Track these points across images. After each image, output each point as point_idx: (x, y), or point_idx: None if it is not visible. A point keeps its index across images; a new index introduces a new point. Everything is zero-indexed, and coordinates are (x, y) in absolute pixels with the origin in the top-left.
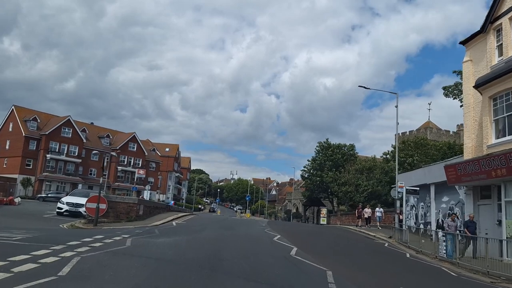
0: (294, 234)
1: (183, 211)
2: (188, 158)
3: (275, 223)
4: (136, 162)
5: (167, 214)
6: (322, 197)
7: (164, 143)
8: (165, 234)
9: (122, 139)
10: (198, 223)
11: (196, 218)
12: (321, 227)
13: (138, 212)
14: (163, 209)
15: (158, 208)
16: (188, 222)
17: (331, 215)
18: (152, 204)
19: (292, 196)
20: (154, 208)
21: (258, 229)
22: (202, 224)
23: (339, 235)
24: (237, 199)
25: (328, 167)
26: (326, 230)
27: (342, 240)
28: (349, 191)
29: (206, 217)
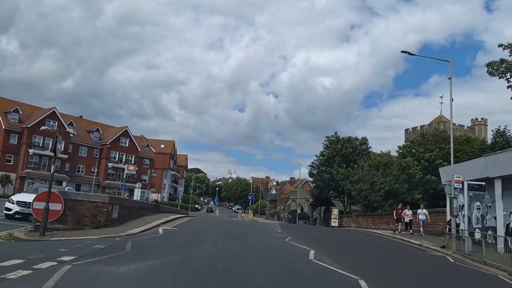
0: (327, 244)
1: (177, 212)
2: (185, 156)
3: (288, 226)
4: (128, 158)
5: (153, 217)
6: (332, 196)
7: (159, 139)
8: (140, 252)
9: (113, 133)
10: (194, 229)
11: (191, 222)
12: (346, 232)
13: (110, 214)
14: (150, 210)
15: (143, 209)
16: (181, 228)
17: (342, 216)
18: (134, 204)
19: (296, 195)
20: (137, 209)
21: (275, 237)
22: (199, 230)
23: (380, 244)
24: (236, 198)
25: (338, 162)
26: (358, 237)
27: (393, 255)
28: (364, 189)
29: (204, 220)
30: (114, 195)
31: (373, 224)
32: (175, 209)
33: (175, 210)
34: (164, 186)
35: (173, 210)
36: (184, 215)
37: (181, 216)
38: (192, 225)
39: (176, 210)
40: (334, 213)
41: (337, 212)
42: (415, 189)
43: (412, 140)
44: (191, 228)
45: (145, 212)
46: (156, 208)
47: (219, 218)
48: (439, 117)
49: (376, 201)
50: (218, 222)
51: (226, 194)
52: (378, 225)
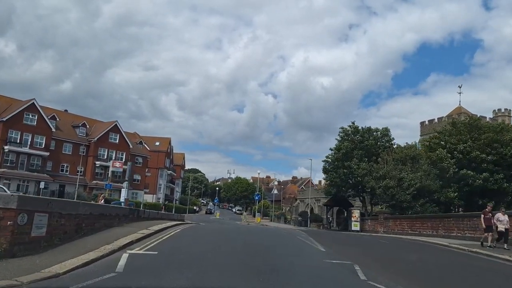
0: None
1: (167, 217)
2: (182, 155)
3: (318, 235)
4: (119, 156)
5: (125, 230)
6: (350, 195)
7: (154, 136)
8: None
9: (102, 128)
10: (185, 253)
11: (184, 234)
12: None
13: (23, 232)
14: (123, 219)
15: (110, 217)
16: (164, 249)
17: (364, 218)
18: (91, 210)
19: (305, 195)
20: (96, 218)
21: (331, 267)
22: (194, 255)
23: (486, 268)
24: (236, 199)
25: (358, 156)
26: (434, 254)
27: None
28: (391, 186)
29: (203, 230)
30: (101, 198)
31: (411, 229)
32: (165, 214)
33: (164, 216)
34: (159, 186)
35: (161, 215)
36: (177, 221)
37: (171, 224)
38: (185, 242)
39: (166, 215)
40: (355, 215)
41: (358, 214)
42: (448, 186)
43: (440, 131)
44: (182, 249)
45: (113, 221)
46: (132, 215)
47: (220, 222)
48: (458, 108)
49: (405, 201)
50: (221, 233)
51: (225, 195)
52: (420, 230)
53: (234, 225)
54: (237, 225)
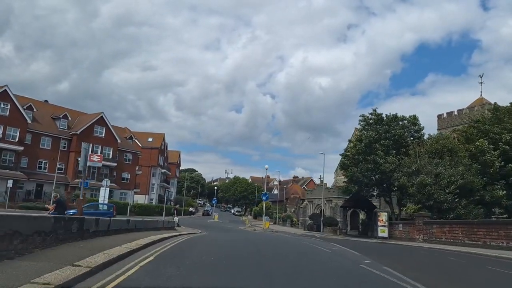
0: None
1: (147, 227)
2: (177, 153)
3: (379, 253)
4: (105, 151)
5: (58, 252)
6: (374, 194)
7: (146, 132)
8: None
9: (86, 121)
10: None
11: (162, 264)
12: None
13: None
14: (38, 240)
15: (37, 234)
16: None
17: (392, 222)
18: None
19: (314, 195)
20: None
21: None
22: None
23: None
24: (234, 199)
25: (383, 148)
26: None
27: None
28: (428, 183)
29: (199, 253)
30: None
31: (469, 238)
32: (141, 222)
33: (141, 224)
34: (152, 186)
35: (138, 225)
36: (163, 233)
37: (145, 243)
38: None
39: (144, 224)
40: (382, 219)
41: (386, 217)
42: (492, 183)
43: (478, 120)
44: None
45: (45, 242)
46: (70, 230)
47: (220, 228)
48: (479, 100)
49: (445, 201)
50: (228, 255)
51: (223, 195)
52: (486, 240)
53: (240, 233)
54: (244, 232)
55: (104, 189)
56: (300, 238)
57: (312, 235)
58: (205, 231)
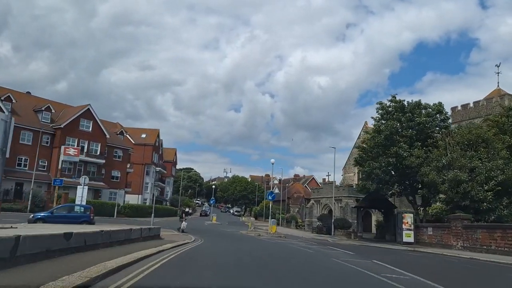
0: None
1: (120, 239)
2: (173, 150)
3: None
4: (93, 147)
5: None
6: (395, 193)
7: (139, 127)
8: None
9: (71, 114)
10: None
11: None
12: None
13: None
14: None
15: None
16: None
17: (417, 225)
18: None
19: (321, 194)
20: None
21: None
22: None
23: None
24: (234, 199)
25: (407, 140)
26: None
27: None
28: (463, 180)
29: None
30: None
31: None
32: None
33: (98, 239)
34: (146, 185)
35: (91, 238)
36: (135, 251)
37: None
38: None
39: (115, 235)
40: (407, 221)
41: (411, 219)
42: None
43: (509, 106)
44: None
45: None
46: None
47: (219, 233)
48: (496, 91)
49: (485, 200)
50: None
51: (222, 195)
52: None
53: (245, 242)
54: (248, 240)
55: (82, 188)
56: (319, 248)
57: (324, 240)
58: (200, 238)
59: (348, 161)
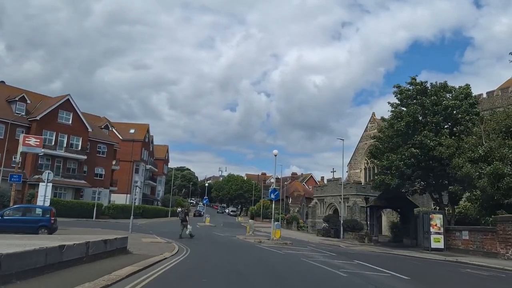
0: None
1: (41, 264)
2: (165, 147)
3: None
4: (73, 142)
5: None
6: (418, 190)
7: (127, 122)
8: None
9: (49, 105)
10: None
11: None
12: None
13: None
14: None
15: None
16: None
17: (449, 228)
18: None
19: (325, 192)
20: None
21: None
22: None
23: None
24: (229, 198)
25: (432, 128)
26: None
27: None
28: (506, 173)
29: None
30: None
31: None
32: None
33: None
34: (135, 184)
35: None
36: None
37: None
38: None
39: (28, 258)
40: (436, 223)
41: (440, 220)
42: None
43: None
44: None
45: None
46: None
47: (210, 240)
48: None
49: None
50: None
51: (217, 194)
52: None
53: (243, 255)
54: (248, 251)
55: (45, 185)
56: (345, 265)
57: (335, 246)
58: (186, 249)
59: (353, 157)
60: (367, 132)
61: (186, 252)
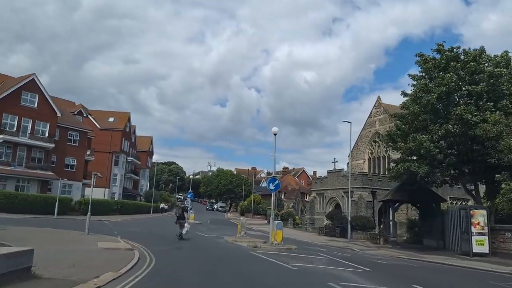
0: None
1: None
2: (149, 139)
3: None
4: (39, 128)
5: None
6: (448, 181)
7: (106, 110)
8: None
9: (10, 85)
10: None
11: None
12: None
13: None
14: None
15: None
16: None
17: (495, 227)
18: None
19: (325, 186)
20: None
21: None
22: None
23: None
24: (218, 193)
25: (471, 101)
26: None
27: None
28: None
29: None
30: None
31: None
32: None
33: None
34: (114, 177)
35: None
36: None
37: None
38: None
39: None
40: (478, 222)
41: (484, 218)
42: None
43: None
44: None
45: None
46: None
47: (188, 245)
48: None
49: None
50: None
51: (205, 190)
52: None
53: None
54: (244, 263)
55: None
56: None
57: (345, 249)
58: (148, 263)
59: (355, 146)
60: (372, 118)
61: (145, 269)
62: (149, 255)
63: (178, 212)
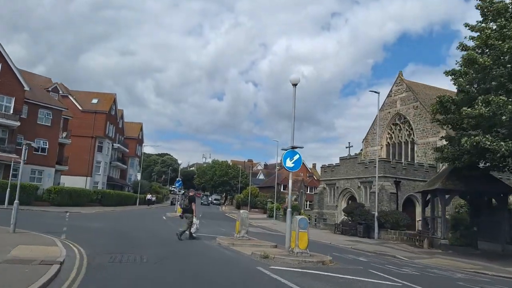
0: None
1: None
2: (139, 125)
3: None
4: (2, 103)
5: None
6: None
7: (89, 91)
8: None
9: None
10: None
11: None
12: None
13: None
14: None
15: None
16: None
17: None
18: None
19: (339, 174)
20: None
21: None
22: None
23: None
24: (213, 185)
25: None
26: None
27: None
28: None
29: None
30: None
31: None
32: None
33: None
34: (97, 165)
35: None
36: None
37: None
38: None
39: None
40: None
41: None
42: None
43: None
44: None
45: None
46: None
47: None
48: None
49: None
50: None
51: (199, 181)
52: None
53: None
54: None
55: None
56: None
57: (390, 257)
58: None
59: (371, 131)
60: (392, 98)
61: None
62: (78, 273)
63: (184, 204)
